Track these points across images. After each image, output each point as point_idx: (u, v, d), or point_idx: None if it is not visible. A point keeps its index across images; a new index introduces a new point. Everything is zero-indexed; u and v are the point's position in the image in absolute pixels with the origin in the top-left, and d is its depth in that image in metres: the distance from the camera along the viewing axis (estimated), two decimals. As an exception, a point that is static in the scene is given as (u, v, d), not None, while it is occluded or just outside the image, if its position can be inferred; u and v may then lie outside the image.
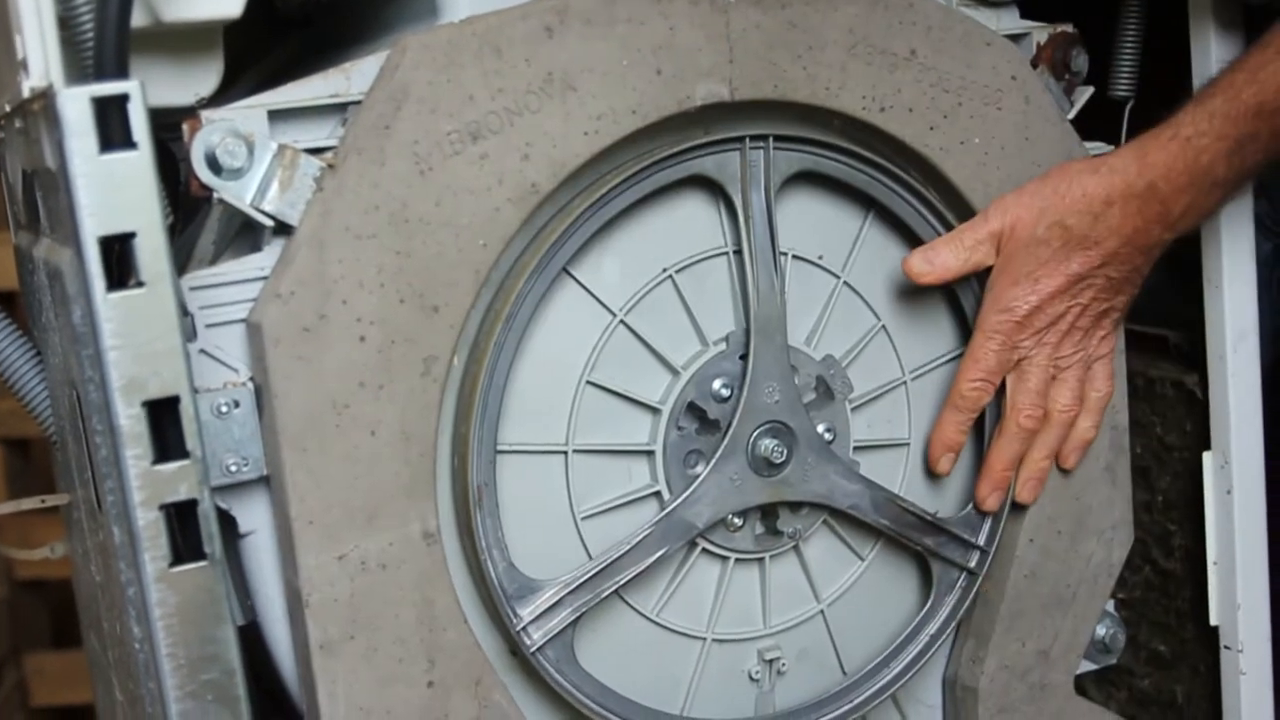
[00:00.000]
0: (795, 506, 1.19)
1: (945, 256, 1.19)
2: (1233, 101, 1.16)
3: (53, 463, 1.30)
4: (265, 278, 1.00)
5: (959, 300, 1.24)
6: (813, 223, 1.19)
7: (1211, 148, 1.16)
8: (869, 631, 1.26)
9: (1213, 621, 1.37)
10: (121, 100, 0.88)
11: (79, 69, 0.92)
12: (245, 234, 1.05)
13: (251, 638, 1.06)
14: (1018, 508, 1.26)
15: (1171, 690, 1.46)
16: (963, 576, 1.26)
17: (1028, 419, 1.23)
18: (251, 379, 1.01)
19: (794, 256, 1.18)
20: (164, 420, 0.92)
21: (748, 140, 1.12)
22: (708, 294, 1.16)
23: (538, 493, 1.12)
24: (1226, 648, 1.36)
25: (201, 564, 0.94)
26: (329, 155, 1.00)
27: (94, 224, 0.88)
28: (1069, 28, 1.27)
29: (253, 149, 0.98)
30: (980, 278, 1.21)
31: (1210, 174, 1.17)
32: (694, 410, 1.15)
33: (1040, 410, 1.23)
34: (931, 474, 1.26)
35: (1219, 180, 1.18)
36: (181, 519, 0.94)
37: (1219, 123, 1.16)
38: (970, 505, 1.26)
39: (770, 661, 1.22)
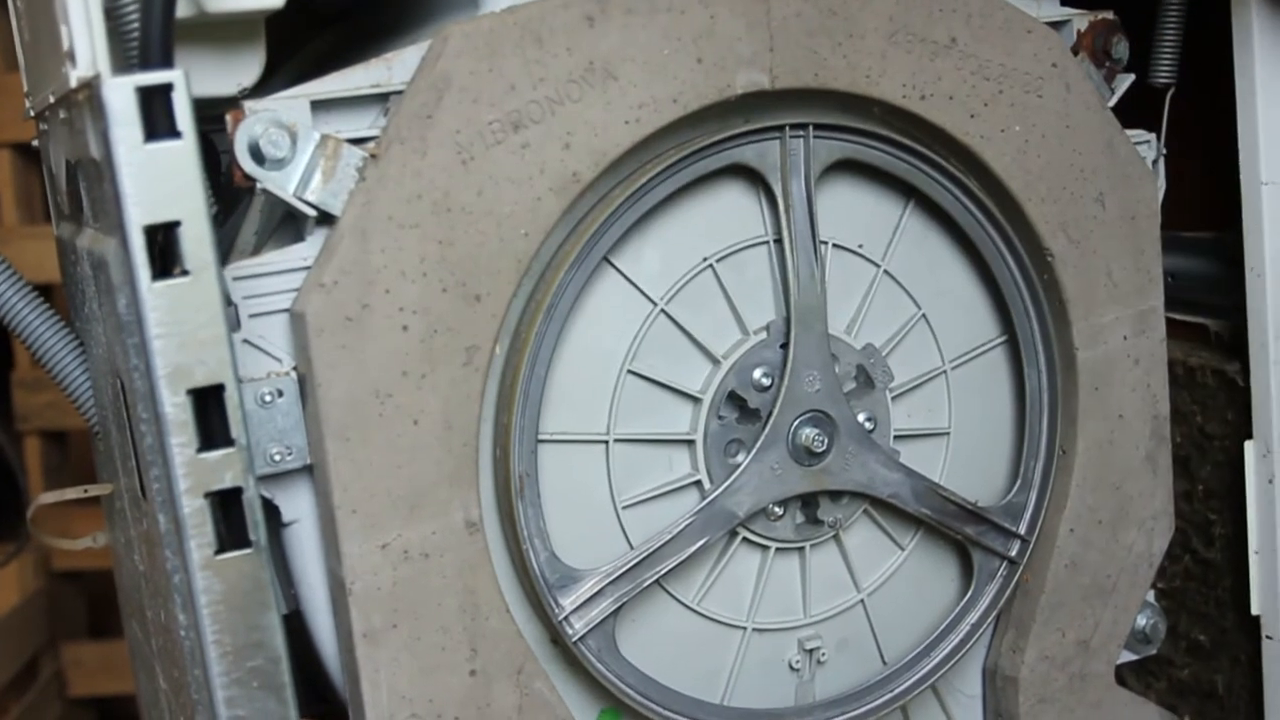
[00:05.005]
0: (836, 496, 1.19)
1: None
2: None
3: (94, 453, 1.31)
4: (308, 268, 1.00)
5: (999, 288, 1.23)
6: (853, 211, 1.19)
7: None
8: (909, 621, 1.26)
9: (1254, 611, 1.36)
10: (166, 90, 0.88)
11: (124, 59, 0.92)
12: (288, 224, 1.05)
13: (294, 626, 1.06)
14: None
15: (1211, 680, 1.45)
16: (1003, 566, 1.26)
17: None
18: (295, 369, 1.02)
19: (834, 245, 1.18)
20: (209, 408, 0.92)
21: (788, 129, 1.12)
22: (748, 283, 1.15)
23: (579, 482, 1.12)
24: (1268, 637, 1.36)
25: (246, 551, 0.94)
26: (371, 145, 1.00)
27: (138, 213, 0.88)
28: (1109, 15, 1.26)
29: (296, 139, 0.98)
30: (1023, 266, 1.21)
31: None
32: (735, 399, 1.15)
33: None
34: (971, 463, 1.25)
35: None
36: (226, 507, 0.94)
37: None
38: (1011, 494, 1.25)
39: (810, 651, 1.22)
